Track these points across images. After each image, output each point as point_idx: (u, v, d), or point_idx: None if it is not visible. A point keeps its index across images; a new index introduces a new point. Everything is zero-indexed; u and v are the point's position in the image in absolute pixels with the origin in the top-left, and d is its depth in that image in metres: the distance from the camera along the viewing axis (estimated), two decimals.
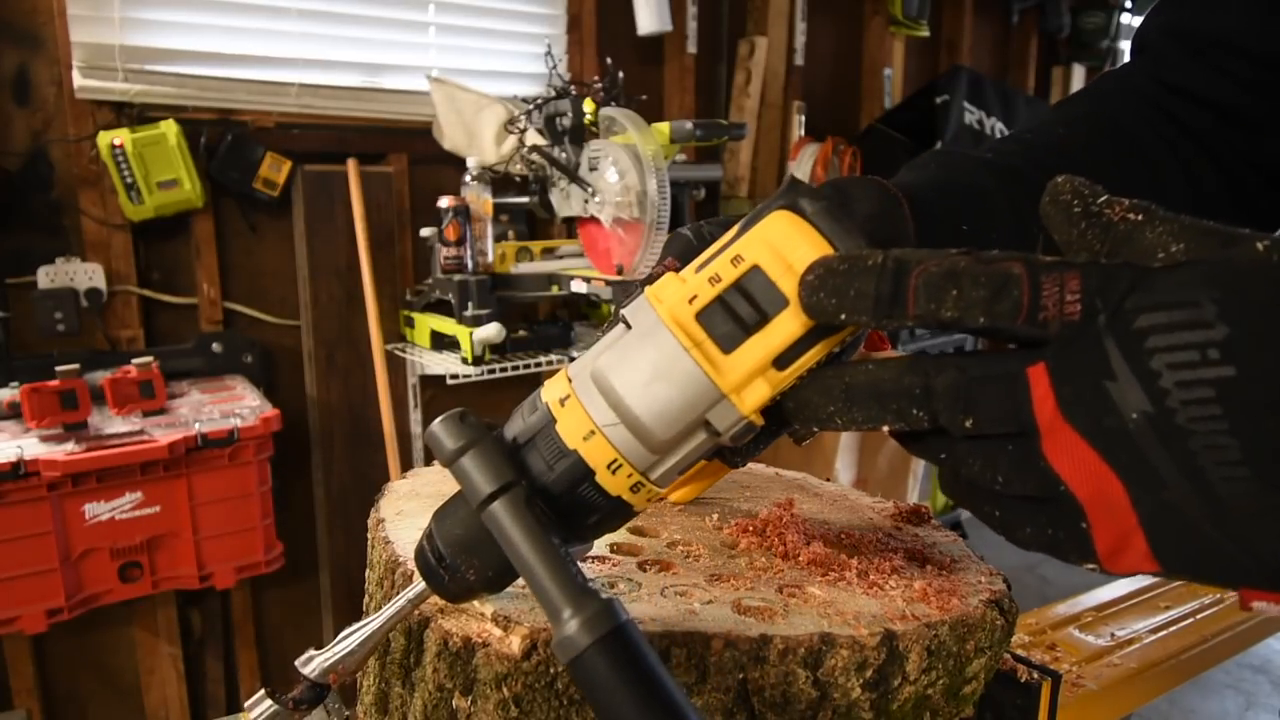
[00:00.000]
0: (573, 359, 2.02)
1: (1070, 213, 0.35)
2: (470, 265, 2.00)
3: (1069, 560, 0.35)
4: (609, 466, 0.39)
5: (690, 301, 0.39)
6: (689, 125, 1.84)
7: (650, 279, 0.44)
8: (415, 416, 2.28)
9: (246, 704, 0.45)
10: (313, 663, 0.44)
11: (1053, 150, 0.57)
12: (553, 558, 0.37)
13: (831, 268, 0.36)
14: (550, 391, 0.41)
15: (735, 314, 0.38)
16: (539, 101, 1.95)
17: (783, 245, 0.38)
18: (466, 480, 0.39)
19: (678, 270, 0.41)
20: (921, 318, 0.35)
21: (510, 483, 0.38)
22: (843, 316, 0.36)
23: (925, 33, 3.12)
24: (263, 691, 0.44)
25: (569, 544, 0.41)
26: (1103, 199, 0.35)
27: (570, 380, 0.40)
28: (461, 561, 0.41)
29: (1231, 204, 0.60)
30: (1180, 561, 0.32)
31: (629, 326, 0.40)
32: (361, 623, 0.45)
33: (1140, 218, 0.33)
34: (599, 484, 0.39)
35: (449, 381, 1.96)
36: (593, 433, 0.39)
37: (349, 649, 0.44)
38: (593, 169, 1.82)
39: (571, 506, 0.40)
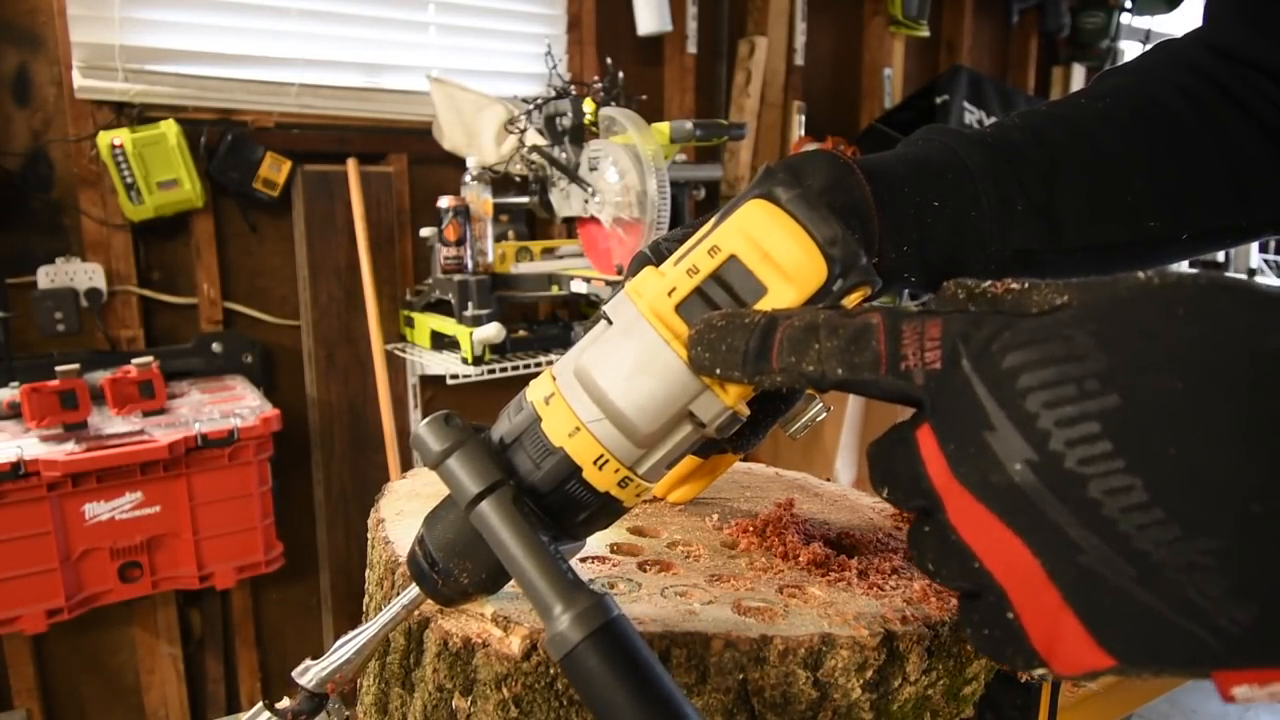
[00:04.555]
0: None
1: (955, 299, 0.33)
2: (470, 265, 2.00)
3: (1015, 666, 0.30)
4: (595, 462, 0.39)
5: (669, 294, 0.39)
6: (689, 125, 1.83)
7: None
8: (415, 416, 2.28)
9: (244, 717, 0.45)
10: (309, 673, 0.44)
11: (1062, 120, 0.56)
12: (542, 555, 0.37)
13: (712, 323, 0.36)
14: (535, 391, 0.41)
15: (714, 304, 0.38)
16: (539, 101, 1.95)
17: (758, 234, 0.38)
18: (453, 481, 0.39)
19: None
20: (786, 371, 0.34)
21: (497, 482, 0.38)
22: (718, 371, 0.36)
23: (925, 33, 3.12)
24: (261, 704, 0.44)
25: (560, 542, 0.41)
26: (986, 284, 0.33)
27: (555, 379, 0.41)
28: (454, 565, 0.41)
29: (1277, 169, 0.59)
30: (1130, 645, 0.27)
31: (610, 322, 0.40)
32: (357, 630, 0.45)
33: (1025, 286, 0.31)
34: (586, 480, 0.39)
35: (449, 381, 1.96)
36: (578, 429, 0.39)
37: (345, 657, 0.44)
38: (593, 169, 1.82)
39: (560, 504, 0.40)
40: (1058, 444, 0.26)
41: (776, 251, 0.37)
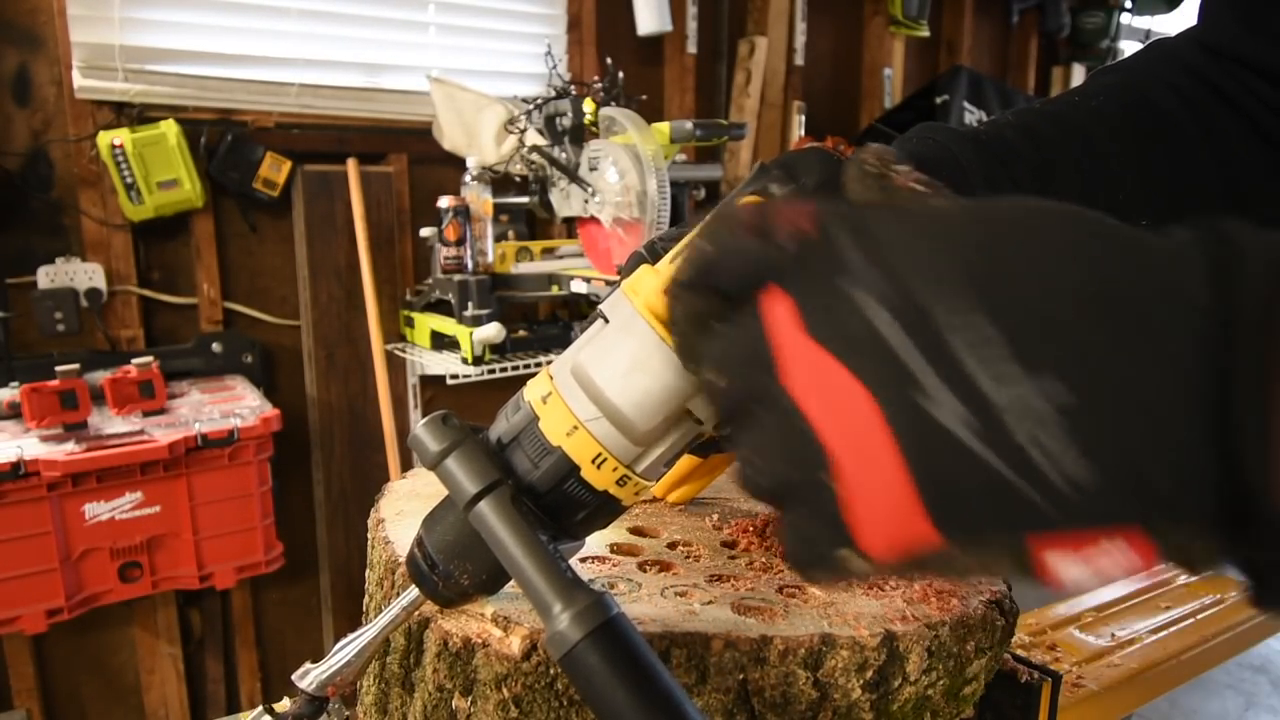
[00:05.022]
0: None
1: (864, 173, 0.33)
2: (470, 265, 2.00)
3: (823, 563, 0.30)
4: (594, 461, 0.39)
5: (665, 291, 0.39)
6: (689, 125, 1.83)
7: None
8: (415, 416, 2.28)
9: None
10: (309, 676, 0.44)
11: (1055, 118, 0.56)
12: (540, 554, 0.37)
13: None
14: (532, 390, 0.41)
15: None
16: (539, 101, 1.95)
17: None
18: (451, 482, 0.39)
19: None
20: (675, 284, 0.34)
21: (495, 482, 0.38)
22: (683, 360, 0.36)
23: (925, 33, 3.12)
24: (260, 709, 0.44)
25: (559, 541, 0.41)
26: (898, 167, 0.33)
27: (552, 377, 0.41)
28: (454, 567, 0.41)
29: (1269, 168, 0.58)
30: (956, 511, 0.27)
31: (606, 321, 0.40)
32: (357, 633, 0.45)
33: (926, 190, 0.32)
34: (585, 479, 0.39)
35: (449, 381, 1.96)
36: (575, 428, 0.39)
37: (345, 660, 0.44)
38: (593, 169, 1.82)
39: (559, 504, 0.40)
40: (913, 280, 0.27)
41: None
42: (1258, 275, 0.24)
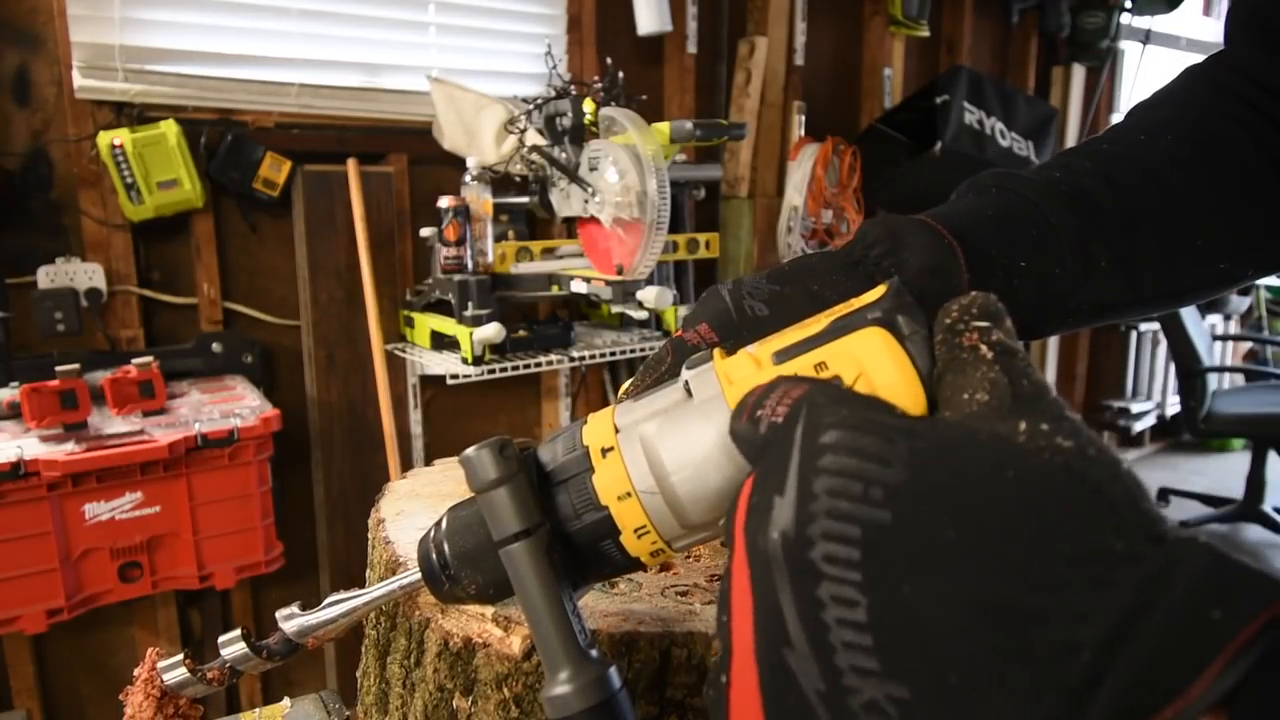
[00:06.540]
0: (573, 358, 2.02)
1: (943, 323, 0.33)
2: (470, 265, 2.00)
3: None
4: (636, 530, 0.38)
5: None
6: (689, 125, 1.83)
7: (681, 343, 0.43)
8: (415, 416, 2.28)
9: (220, 639, 0.45)
10: (294, 620, 0.44)
11: (1130, 162, 0.54)
12: (560, 615, 0.38)
13: None
14: (593, 435, 0.40)
15: None
16: (539, 101, 1.95)
17: (871, 367, 0.35)
18: (494, 514, 0.39)
19: (715, 341, 0.41)
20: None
21: (536, 525, 0.39)
22: None
23: (925, 33, 3.12)
24: (239, 631, 0.45)
25: (577, 588, 0.41)
26: (978, 323, 0.32)
27: (617, 431, 0.39)
28: (465, 575, 0.41)
29: None
30: None
31: (689, 394, 0.38)
32: (349, 593, 0.45)
33: (986, 353, 0.30)
34: (622, 544, 0.39)
35: (449, 381, 1.96)
36: (629, 494, 0.38)
37: (331, 617, 0.44)
38: (593, 169, 1.82)
39: (589, 556, 0.40)
40: (815, 532, 0.26)
41: (884, 391, 0.35)
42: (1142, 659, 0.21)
